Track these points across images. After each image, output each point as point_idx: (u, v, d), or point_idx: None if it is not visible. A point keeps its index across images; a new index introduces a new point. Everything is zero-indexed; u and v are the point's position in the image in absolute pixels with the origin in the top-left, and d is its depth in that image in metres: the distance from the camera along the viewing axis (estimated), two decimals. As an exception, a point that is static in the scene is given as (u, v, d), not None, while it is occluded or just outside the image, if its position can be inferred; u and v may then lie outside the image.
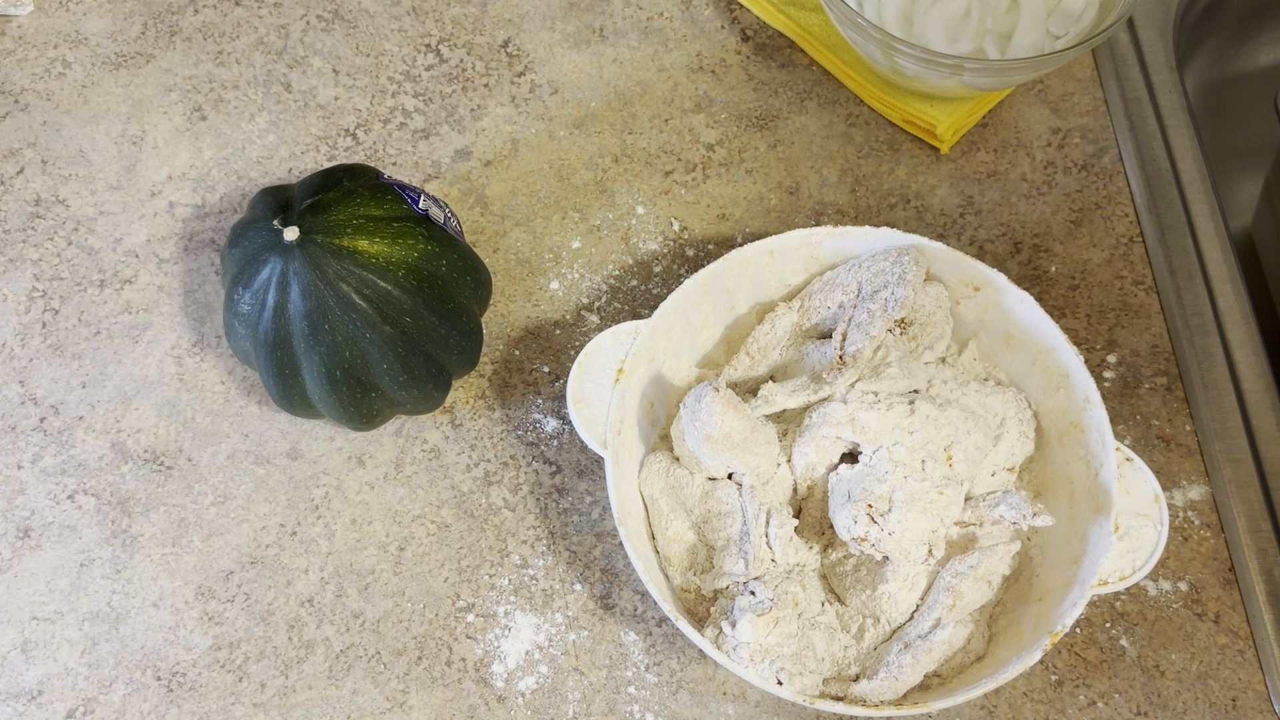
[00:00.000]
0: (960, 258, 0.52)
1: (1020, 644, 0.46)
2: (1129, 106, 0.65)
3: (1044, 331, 0.51)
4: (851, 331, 0.50)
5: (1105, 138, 0.64)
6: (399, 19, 0.67)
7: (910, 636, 0.47)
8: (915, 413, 0.48)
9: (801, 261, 0.54)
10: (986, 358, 0.54)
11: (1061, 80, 0.66)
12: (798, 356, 0.53)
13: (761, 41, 0.67)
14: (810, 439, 0.49)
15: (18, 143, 0.63)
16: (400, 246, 0.48)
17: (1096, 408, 0.49)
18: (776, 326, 0.53)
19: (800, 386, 0.50)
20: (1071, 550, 0.48)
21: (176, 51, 0.66)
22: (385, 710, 0.50)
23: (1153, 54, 0.66)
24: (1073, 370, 0.50)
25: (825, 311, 0.53)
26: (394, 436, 0.56)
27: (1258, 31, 0.77)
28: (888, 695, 0.46)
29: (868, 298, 0.51)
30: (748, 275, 0.53)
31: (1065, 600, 0.46)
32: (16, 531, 0.54)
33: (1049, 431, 0.52)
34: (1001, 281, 0.51)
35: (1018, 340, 0.52)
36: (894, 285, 0.50)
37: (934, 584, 0.48)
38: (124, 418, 0.56)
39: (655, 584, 0.46)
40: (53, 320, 0.59)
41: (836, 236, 0.53)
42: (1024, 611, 0.48)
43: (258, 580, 0.53)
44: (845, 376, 0.49)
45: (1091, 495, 0.48)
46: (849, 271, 0.52)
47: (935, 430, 0.48)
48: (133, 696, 0.51)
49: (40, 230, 0.61)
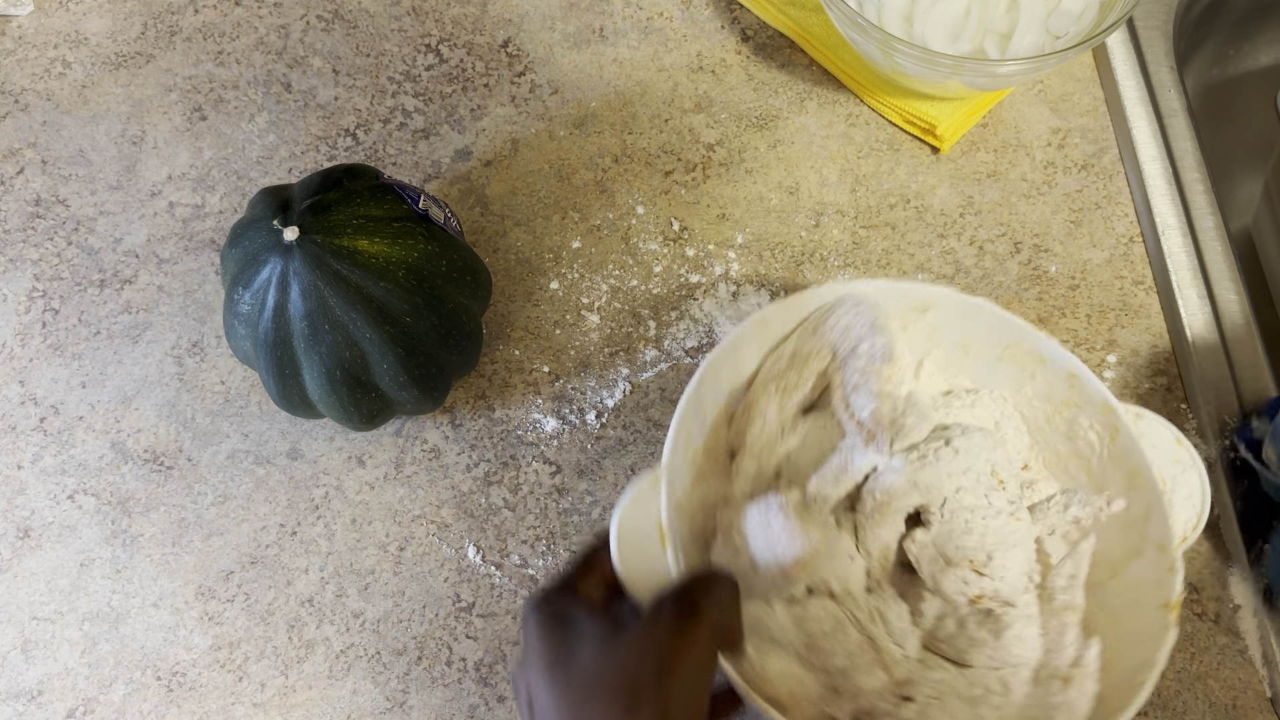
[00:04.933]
0: (904, 286, 0.50)
1: (1122, 629, 0.45)
2: (1129, 106, 0.65)
3: (1006, 328, 0.50)
4: (854, 397, 0.48)
5: (1105, 138, 0.64)
6: (399, 19, 0.67)
7: (1064, 669, 0.45)
8: (958, 452, 0.47)
9: (755, 344, 0.50)
10: (944, 371, 0.53)
11: (1061, 80, 0.66)
12: (800, 438, 0.50)
13: (761, 42, 0.67)
14: (882, 520, 0.47)
15: (18, 143, 0.63)
16: (400, 246, 0.48)
17: (1087, 380, 0.48)
18: (767, 419, 0.49)
19: (839, 471, 0.48)
20: (1125, 519, 0.47)
21: (176, 51, 0.66)
22: (385, 710, 0.50)
23: (1153, 54, 0.66)
24: (1048, 353, 0.49)
25: (806, 386, 0.50)
26: (394, 436, 0.56)
27: (1258, 31, 0.77)
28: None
29: (847, 357, 0.48)
30: (720, 377, 0.49)
31: (1150, 568, 0.45)
32: (16, 531, 0.54)
33: (1033, 419, 0.51)
34: (953, 295, 0.50)
35: (978, 346, 0.51)
36: (869, 336, 0.48)
37: (1045, 608, 0.47)
38: (124, 418, 0.56)
39: None
40: (53, 320, 0.59)
41: (780, 309, 0.49)
42: (1103, 597, 0.47)
43: (258, 580, 0.53)
44: (881, 444, 0.47)
45: (1117, 461, 0.47)
46: (814, 337, 0.49)
47: (977, 459, 0.47)
48: (133, 696, 0.51)
49: (40, 230, 0.61)
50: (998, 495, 0.47)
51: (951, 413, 0.51)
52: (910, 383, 0.52)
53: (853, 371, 0.48)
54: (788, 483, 0.49)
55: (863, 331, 0.48)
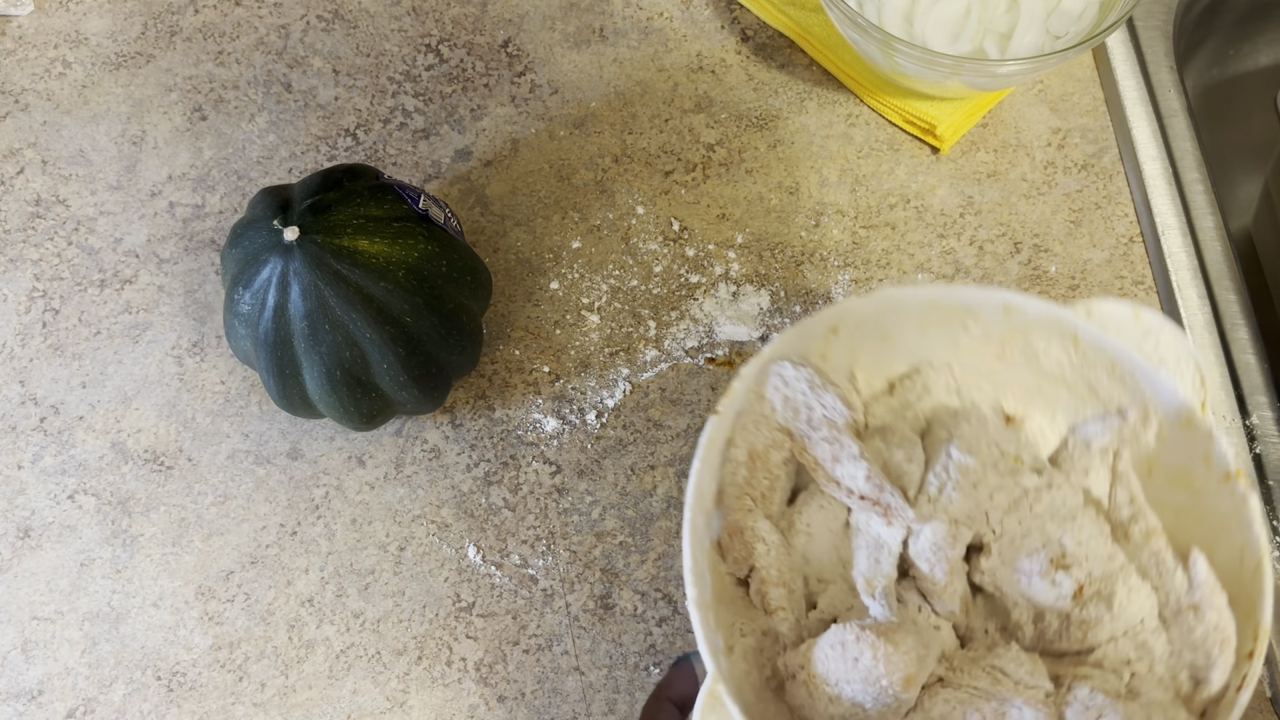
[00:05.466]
0: (811, 320, 0.45)
1: (1205, 524, 0.42)
2: (1129, 106, 0.65)
3: (913, 299, 0.45)
4: (839, 470, 0.44)
5: (1105, 138, 0.64)
6: (399, 19, 0.67)
7: (1184, 597, 0.41)
8: (963, 454, 0.44)
9: (704, 464, 0.44)
10: (877, 369, 0.49)
11: (1061, 80, 0.66)
12: (806, 535, 0.46)
13: (761, 41, 0.67)
14: (947, 578, 0.43)
15: (18, 143, 0.63)
16: (400, 246, 0.48)
17: (1021, 302, 0.44)
18: (767, 540, 0.44)
19: (873, 553, 0.44)
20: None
21: (177, 51, 0.66)
22: (385, 710, 0.51)
23: (1153, 54, 0.66)
24: (969, 298, 0.45)
25: (781, 484, 0.45)
26: (394, 436, 0.56)
27: (1258, 31, 0.77)
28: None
29: (807, 432, 0.45)
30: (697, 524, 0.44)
31: (1190, 447, 0.42)
32: (17, 531, 0.54)
33: (987, 366, 0.48)
34: (852, 305, 0.45)
35: (896, 329, 0.47)
36: (815, 399, 0.44)
37: (1129, 549, 0.43)
38: (124, 418, 0.56)
39: None
40: (53, 320, 0.59)
41: (717, 422, 0.44)
42: (1167, 502, 0.45)
43: (258, 580, 0.53)
44: (901, 509, 0.43)
45: (1092, 364, 0.45)
46: (762, 428, 0.45)
47: (980, 449, 0.44)
48: (133, 696, 0.51)
49: (40, 230, 0.61)
50: (1025, 476, 0.44)
51: (915, 409, 0.47)
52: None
53: (821, 445, 0.44)
54: (828, 596, 0.45)
55: (806, 397, 0.44)
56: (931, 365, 0.48)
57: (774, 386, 0.45)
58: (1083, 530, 0.43)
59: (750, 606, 0.44)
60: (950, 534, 0.43)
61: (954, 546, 0.43)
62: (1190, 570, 0.42)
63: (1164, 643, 0.42)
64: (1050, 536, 0.43)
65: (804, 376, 0.44)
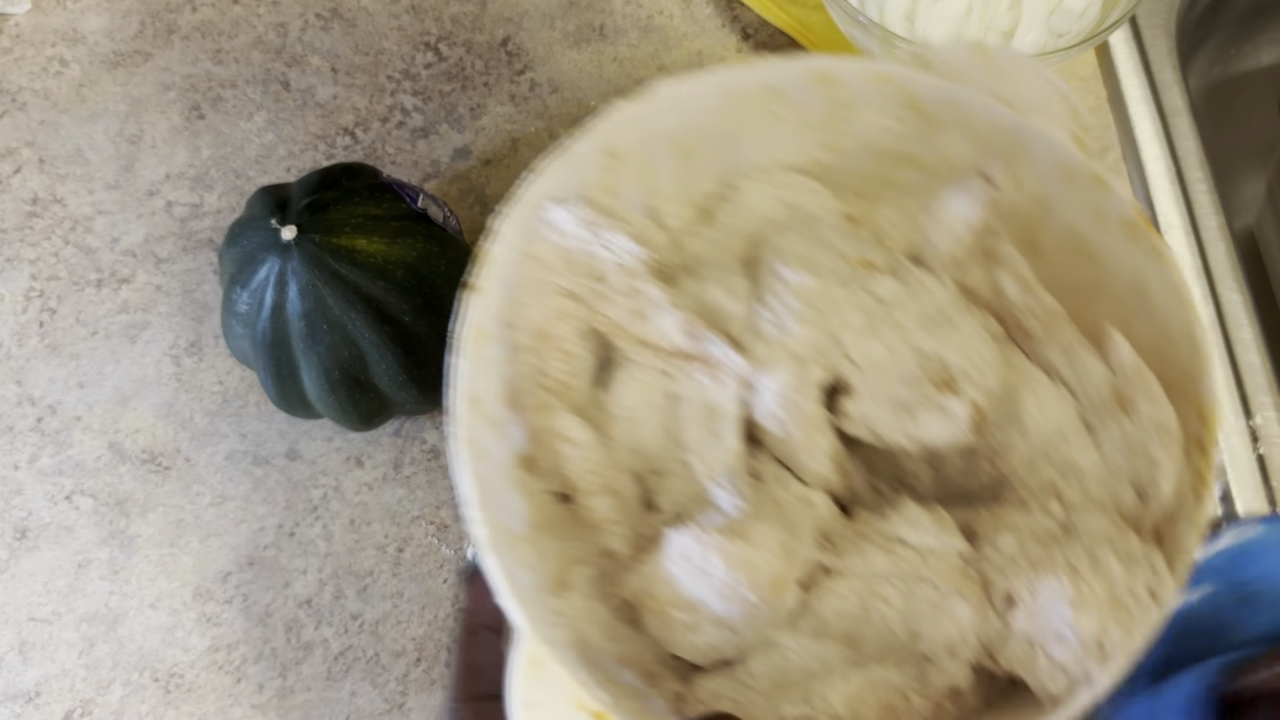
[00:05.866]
0: (579, 146, 0.35)
1: (1115, 297, 0.34)
2: (1131, 105, 0.64)
3: (707, 94, 0.37)
4: (646, 329, 0.35)
5: (1107, 136, 0.64)
6: (398, 17, 0.67)
7: (1106, 391, 0.33)
8: (800, 273, 0.34)
9: (473, 364, 0.34)
10: (681, 195, 0.39)
11: (1064, 78, 0.66)
12: (628, 422, 0.36)
13: (763, 40, 0.67)
14: (806, 432, 0.34)
15: (15, 142, 0.63)
16: (399, 245, 0.48)
17: (837, 65, 0.36)
18: (577, 438, 0.35)
19: (706, 425, 0.35)
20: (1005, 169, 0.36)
21: (174, 50, 0.66)
22: (384, 712, 0.50)
23: (1155, 52, 0.66)
24: (771, 76, 0.36)
25: (581, 359, 0.36)
26: (393, 437, 0.56)
27: (1260, 30, 0.77)
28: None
29: (596, 288, 0.35)
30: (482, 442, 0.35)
31: (1075, 199, 0.34)
32: (14, 532, 0.54)
33: (809, 161, 0.40)
34: (626, 113, 0.36)
35: (694, 138, 0.38)
36: (600, 248, 0.35)
37: (1031, 345, 0.36)
38: (121, 418, 0.56)
39: None
40: (50, 320, 0.59)
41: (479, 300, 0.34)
42: (1065, 279, 0.35)
43: (256, 581, 0.53)
44: (728, 355, 0.34)
45: (934, 124, 0.36)
46: (541, 297, 0.36)
47: (822, 258, 0.35)
48: (130, 698, 0.51)
49: (37, 229, 0.61)
50: (880, 283, 0.35)
51: (736, 233, 0.38)
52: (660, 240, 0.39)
53: (617, 301, 0.35)
54: (667, 490, 0.36)
55: (587, 244, 0.35)
56: (745, 174, 0.39)
57: (545, 239, 0.35)
58: (966, 337, 0.34)
59: (583, 525, 0.35)
60: (797, 377, 0.34)
61: (805, 393, 0.34)
62: (1110, 355, 0.33)
63: (1094, 456, 0.34)
64: (925, 353, 0.34)
65: (578, 217, 0.35)
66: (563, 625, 0.31)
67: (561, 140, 0.35)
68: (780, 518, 0.32)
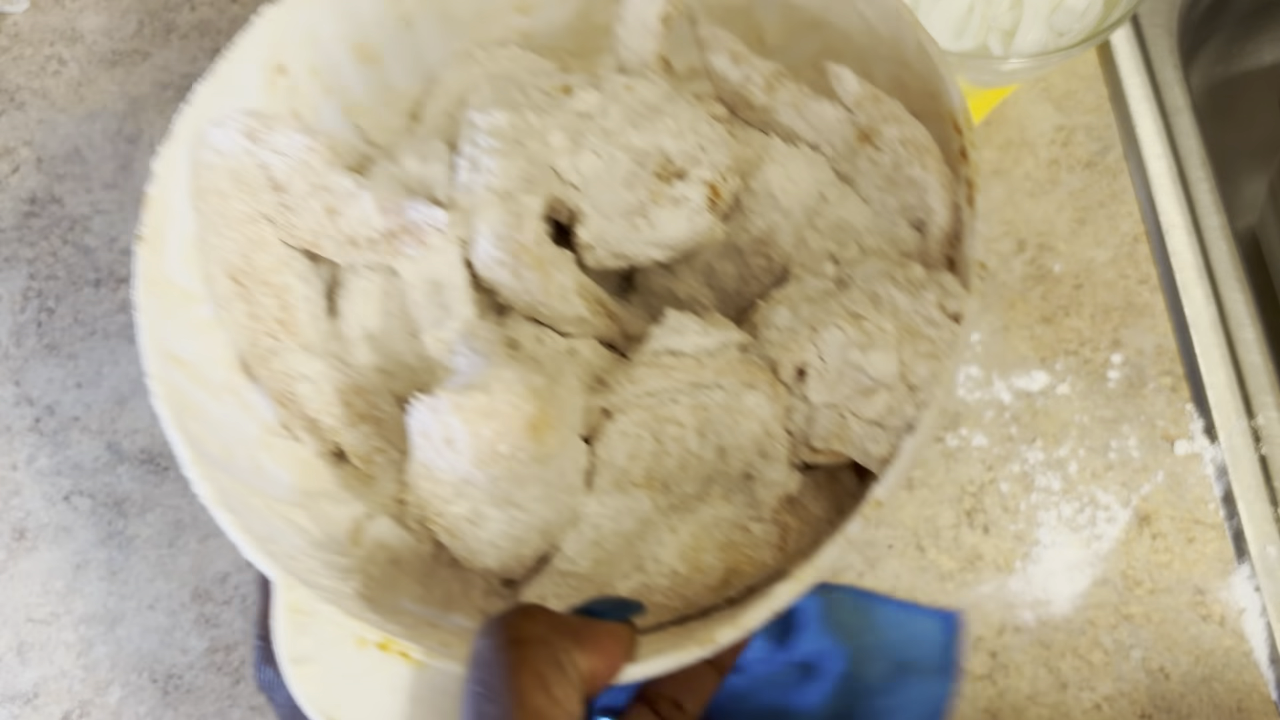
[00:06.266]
0: (230, 67, 0.33)
1: None
2: (1133, 104, 0.64)
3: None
4: (345, 222, 0.32)
5: (1109, 135, 0.64)
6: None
7: (864, 121, 0.32)
8: (515, 131, 0.32)
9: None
10: (381, 107, 0.38)
11: (1065, 77, 0.65)
12: (359, 300, 0.34)
13: None
14: (545, 269, 0.31)
15: (13, 141, 0.63)
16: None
17: None
18: (265, 272, 0.33)
19: (433, 298, 0.32)
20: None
21: (173, 49, 0.66)
22: (383, 713, 0.50)
23: (1157, 51, 0.66)
24: None
25: (290, 231, 0.33)
26: (392, 437, 0.56)
27: (1262, 29, 0.77)
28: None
29: (279, 198, 0.32)
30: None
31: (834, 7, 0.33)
32: (12, 533, 0.54)
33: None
34: (275, 11, 0.33)
35: (366, 32, 0.35)
36: (270, 155, 0.32)
37: (763, 117, 0.33)
38: (119, 418, 0.56)
39: None
40: (48, 320, 0.58)
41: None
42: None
43: (254, 582, 0.53)
44: (439, 216, 0.31)
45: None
46: (233, 206, 0.33)
47: (520, 97, 0.32)
48: (129, 699, 0.50)
49: (35, 229, 0.61)
50: (579, 99, 0.32)
51: (439, 116, 0.36)
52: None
53: (306, 206, 0.32)
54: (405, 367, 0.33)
55: (255, 155, 0.32)
56: (446, 63, 0.36)
57: (211, 167, 0.31)
58: (681, 122, 0.32)
59: (369, 475, 0.34)
60: (510, 214, 0.31)
61: (524, 228, 0.31)
62: (839, 93, 0.32)
63: (860, 207, 0.33)
64: (642, 149, 0.32)
65: (237, 130, 0.31)
66: (354, 577, 0.29)
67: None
68: (534, 365, 0.30)
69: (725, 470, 0.30)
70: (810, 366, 0.29)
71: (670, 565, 0.29)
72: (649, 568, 0.29)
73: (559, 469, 0.29)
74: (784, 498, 0.30)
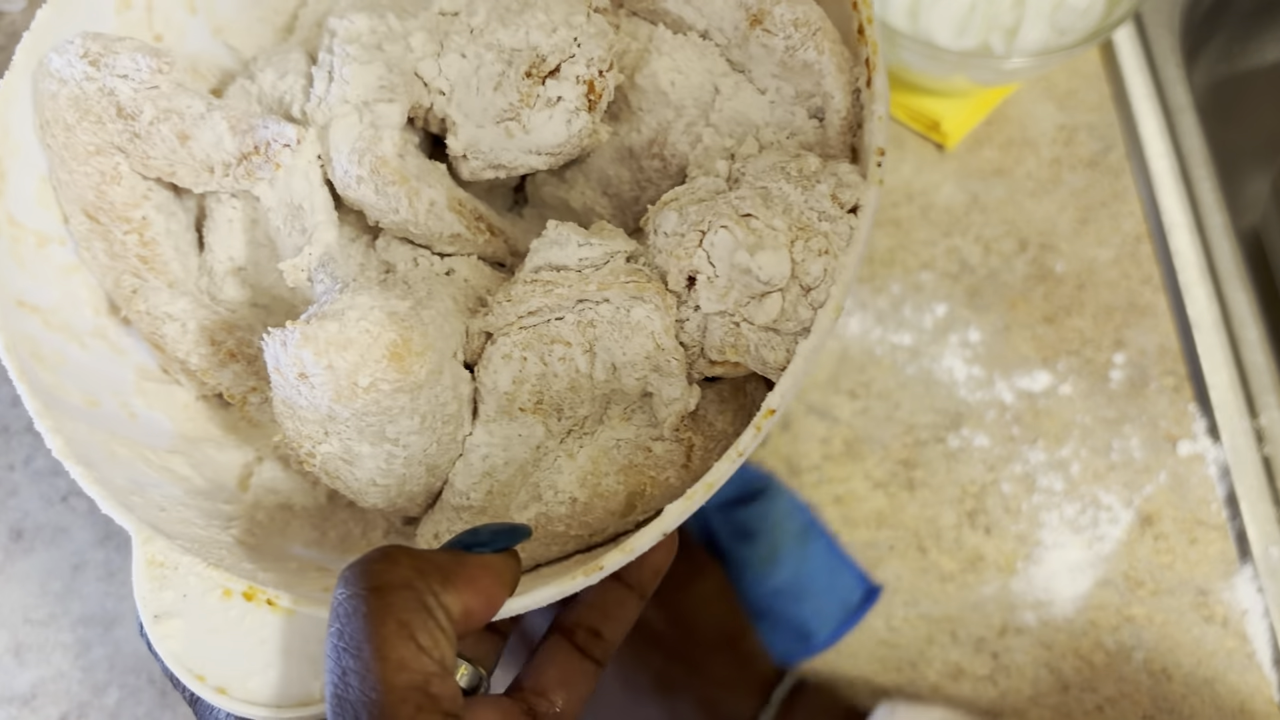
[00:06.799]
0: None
1: None
2: (1136, 102, 0.64)
3: None
4: (198, 147, 0.30)
5: (1112, 134, 0.63)
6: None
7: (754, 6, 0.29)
8: (372, 37, 0.30)
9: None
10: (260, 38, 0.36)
11: (1068, 76, 0.65)
12: (229, 227, 0.32)
13: None
14: (413, 187, 0.29)
15: (11, 139, 0.63)
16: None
17: None
18: (121, 207, 0.31)
19: (305, 220, 0.30)
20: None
21: (171, 47, 0.65)
22: (382, 715, 0.50)
23: (1160, 49, 0.66)
24: None
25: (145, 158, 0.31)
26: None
27: (1265, 28, 0.76)
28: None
29: (127, 126, 0.30)
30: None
31: None
32: (9, 534, 0.53)
33: None
34: None
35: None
36: (116, 81, 0.30)
37: (642, 3, 0.31)
38: (118, 418, 0.56)
39: None
40: (46, 319, 0.58)
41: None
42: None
43: (253, 583, 0.52)
44: (288, 132, 0.29)
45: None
46: (80, 138, 0.31)
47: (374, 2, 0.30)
48: (127, 700, 0.50)
49: None
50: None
51: (307, 28, 0.34)
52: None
53: (157, 133, 0.30)
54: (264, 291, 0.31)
55: (99, 81, 0.30)
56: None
57: (53, 96, 0.29)
58: (553, 15, 0.30)
59: (255, 419, 0.32)
60: (370, 125, 0.29)
61: (379, 138, 0.29)
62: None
63: (755, 98, 0.31)
64: (511, 47, 0.29)
65: (77, 54, 0.29)
66: (236, 524, 0.28)
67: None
68: (405, 295, 0.28)
69: (621, 389, 0.28)
70: (700, 273, 0.27)
71: (569, 492, 0.28)
72: (547, 496, 0.28)
73: (434, 398, 0.27)
74: (684, 414, 0.28)
